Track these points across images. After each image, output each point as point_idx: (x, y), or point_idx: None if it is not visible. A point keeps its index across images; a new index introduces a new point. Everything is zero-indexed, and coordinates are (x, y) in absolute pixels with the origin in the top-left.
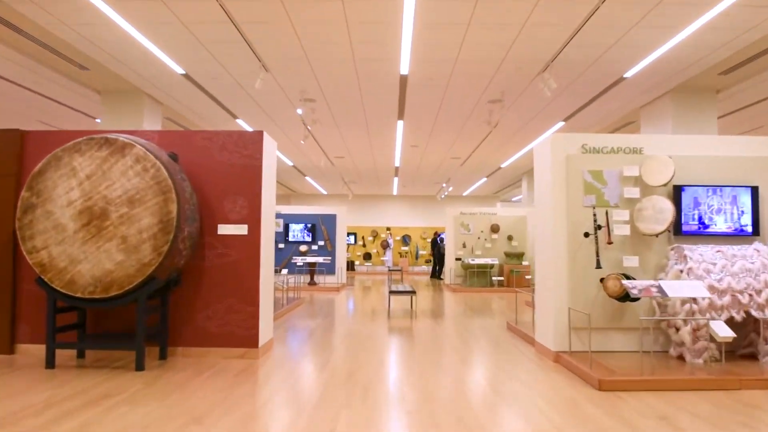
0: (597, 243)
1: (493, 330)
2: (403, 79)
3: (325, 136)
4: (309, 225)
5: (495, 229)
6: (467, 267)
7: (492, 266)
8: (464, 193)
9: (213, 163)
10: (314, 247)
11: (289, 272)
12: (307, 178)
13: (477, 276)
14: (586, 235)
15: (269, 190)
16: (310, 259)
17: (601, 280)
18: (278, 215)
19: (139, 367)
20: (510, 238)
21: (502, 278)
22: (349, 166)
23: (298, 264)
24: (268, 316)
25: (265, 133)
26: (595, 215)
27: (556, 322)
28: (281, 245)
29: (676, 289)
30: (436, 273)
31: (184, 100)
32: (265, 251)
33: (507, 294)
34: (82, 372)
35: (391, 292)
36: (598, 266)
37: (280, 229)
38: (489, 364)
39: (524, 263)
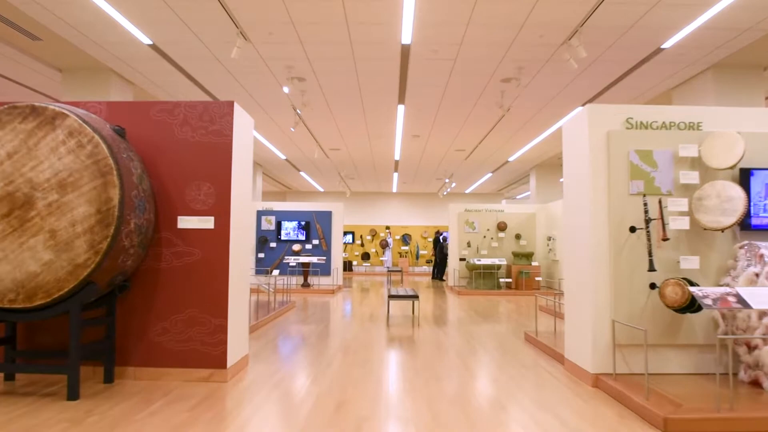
0: (649, 240)
1: (509, 342)
2: (405, 51)
3: (318, 124)
4: (303, 222)
5: (502, 227)
6: (473, 268)
7: (499, 267)
8: (467, 191)
9: (172, 141)
10: (308, 247)
11: (281, 273)
12: (302, 173)
13: (483, 277)
14: (633, 229)
15: (243, 175)
16: (303, 259)
17: (652, 285)
18: (270, 212)
19: (72, 395)
20: (518, 236)
21: (510, 280)
22: (345, 160)
23: (290, 264)
24: (241, 328)
25: (236, 105)
26: (645, 205)
27: (595, 338)
28: (273, 244)
29: (761, 298)
30: (438, 274)
31: (157, 79)
32: (237, 249)
33: (516, 297)
34: (0, 401)
35: (391, 297)
36: (652, 268)
37: (272, 226)
38: (512, 390)
39: (534, 264)
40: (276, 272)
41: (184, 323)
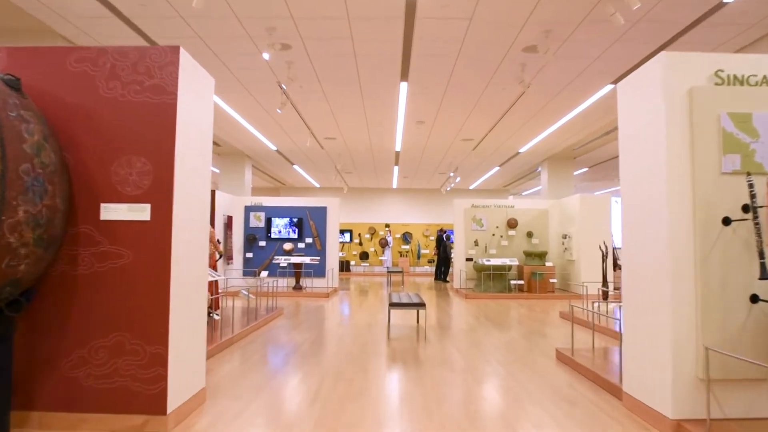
0: (759, 235)
1: (538, 361)
2: (410, 7)
3: (309, 107)
4: (295, 219)
5: (512, 224)
6: (481, 269)
7: (510, 268)
8: (471, 186)
9: (95, 100)
10: (301, 246)
11: (270, 274)
12: (295, 166)
13: (492, 279)
14: (727, 221)
15: (195, 149)
16: (295, 260)
17: (754, 298)
18: (260, 208)
19: None
20: (530, 234)
21: (521, 282)
22: (341, 150)
23: (281, 265)
24: (192, 358)
25: (183, 52)
26: (751, 187)
27: (676, 370)
28: (262, 243)
29: None
30: (442, 275)
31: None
32: (184, 249)
33: (529, 301)
34: None
35: (392, 305)
36: (765, 276)
37: (261, 223)
38: None
39: (547, 264)
40: (265, 274)
41: (109, 351)
